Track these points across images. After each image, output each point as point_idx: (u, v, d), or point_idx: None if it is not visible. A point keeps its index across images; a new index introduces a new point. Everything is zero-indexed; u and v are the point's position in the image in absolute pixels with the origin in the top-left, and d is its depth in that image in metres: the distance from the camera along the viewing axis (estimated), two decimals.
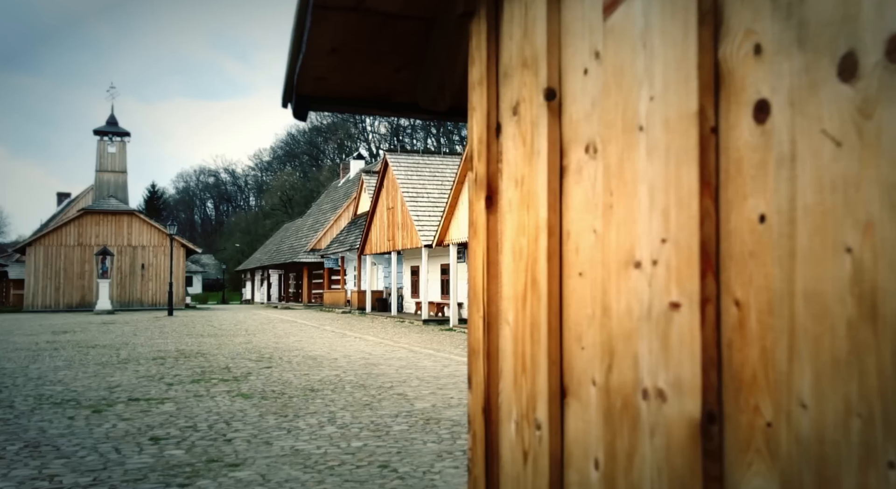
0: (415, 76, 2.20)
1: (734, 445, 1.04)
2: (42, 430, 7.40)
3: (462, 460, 6.10)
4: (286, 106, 2.20)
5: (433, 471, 5.79)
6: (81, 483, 5.45)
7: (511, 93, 1.72)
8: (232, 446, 6.64)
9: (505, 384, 1.67)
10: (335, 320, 30.44)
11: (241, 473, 5.71)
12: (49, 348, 17.35)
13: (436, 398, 9.38)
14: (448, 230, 24.48)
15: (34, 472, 5.76)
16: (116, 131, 46.76)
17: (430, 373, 12.12)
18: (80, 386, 10.70)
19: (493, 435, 1.71)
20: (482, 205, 1.79)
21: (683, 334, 1.12)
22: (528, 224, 1.61)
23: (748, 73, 1.04)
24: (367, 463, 6.05)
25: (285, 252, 52.68)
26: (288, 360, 14.08)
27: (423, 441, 6.84)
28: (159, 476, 5.64)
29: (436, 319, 26.44)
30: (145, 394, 9.82)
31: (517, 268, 1.66)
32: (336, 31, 1.94)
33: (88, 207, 46.30)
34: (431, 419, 7.92)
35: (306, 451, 6.44)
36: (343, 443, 6.74)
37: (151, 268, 45.82)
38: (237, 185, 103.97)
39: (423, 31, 2.05)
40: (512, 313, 1.68)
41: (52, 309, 43.06)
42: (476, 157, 1.83)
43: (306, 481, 5.50)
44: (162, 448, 6.58)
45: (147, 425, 7.62)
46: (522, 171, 1.65)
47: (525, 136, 1.65)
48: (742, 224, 1.04)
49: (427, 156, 33.05)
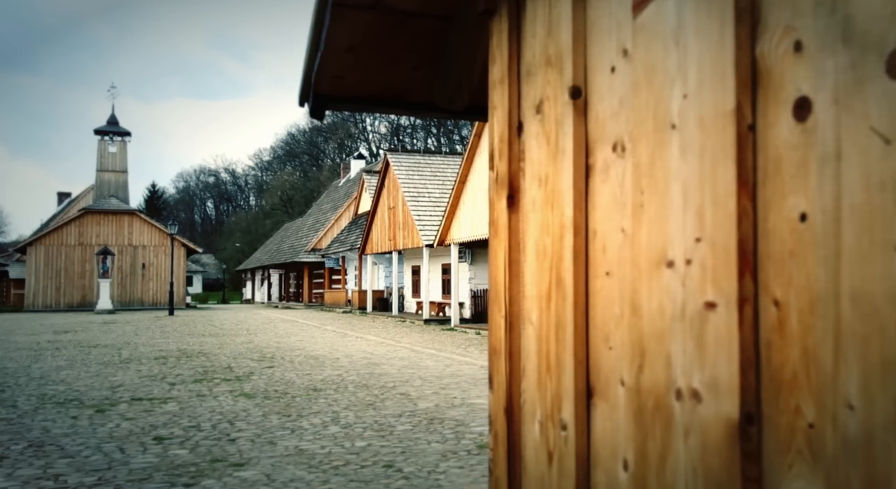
0: (431, 75, 2.19)
1: (773, 447, 1.02)
2: (46, 430, 7.38)
3: (467, 460, 6.08)
4: (303, 105, 2.19)
5: (438, 470, 5.78)
6: (86, 482, 5.44)
7: (534, 91, 1.71)
8: (236, 446, 6.63)
9: (528, 384, 1.66)
10: (336, 320, 30.43)
11: (245, 473, 5.70)
12: (51, 348, 17.33)
13: (439, 398, 9.36)
14: (449, 230, 24.46)
15: (39, 472, 5.75)
16: (117, 131, 46.72)
17: (433, 372, 12.11)
18: (83, 385, 10.68)
19: (515, 435, 1.69)
20: (504, 204, 1.78)
21: (720, 334, 1.11)
22: (552, 223, 1.60)
23: (787, 71, 1.03)
24: (372, 463, 6.03)
25: (286, 252, 52.66)
26: (290, 360, 14.06)
27: (427, 441, 6.83)
28: (164, 476, 5.63)
29: (437, 319, 26.42)
30: (148, 393, 9.81)
31: (541, 267, 1.65)
32: (354, 29, 1.93)
33: (89, 207, 46.27)
34: (435, 419, 7.91)
35: (311, 451, 6.42)
36: (347, 443, 6.73)
37: (152, 268, 45.80)
38: (237, 185, 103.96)
39: (441, 30, 2.03)
40: (535, 313, 1.67)
41: (52, 308, 43.03)
42: (497, 156, 1.81)
43: (311, 481, 5.49)
44: (166, 447, 6.56)
45: (150, 425, 7.61)
46: (546, 169, 1.63)
47: (549, 134, 1.63)
48: (781, 223, 1.02)
49: (428, 155, 33.05)
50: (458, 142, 71.52)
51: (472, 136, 22.48)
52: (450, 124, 73.12)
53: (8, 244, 78.40)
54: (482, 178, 22.02)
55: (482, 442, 6.75)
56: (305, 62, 2.04)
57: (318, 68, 2.00)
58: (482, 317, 25.73)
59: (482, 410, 8.44)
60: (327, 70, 2.06)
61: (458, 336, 20.87)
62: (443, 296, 28.89)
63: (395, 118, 77.86)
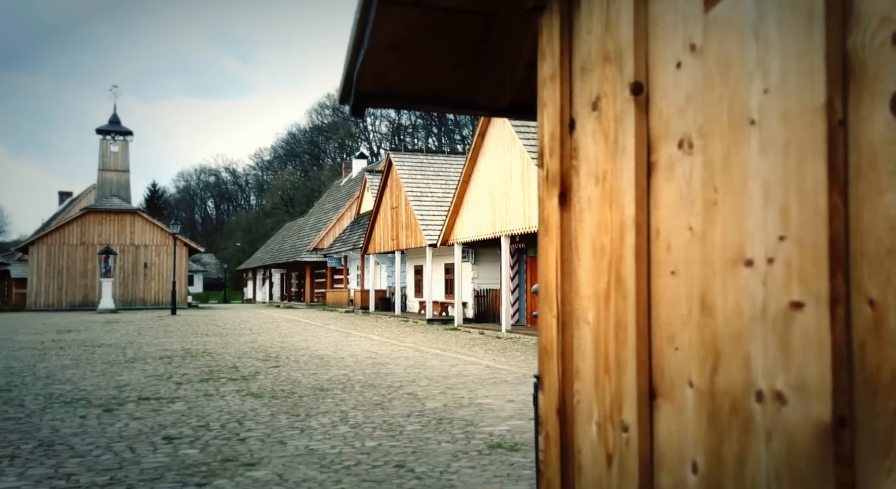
0: (471, 72, 2.16)
1: (869, 451, 1.00)
2: (55, 429, 7.36)
3: (478, 460, 6.06)
4: (344, 103, 2.17)
5: (450, 470, 5.76)
6: (98, 482, 5.41)
7: (590, 88, 1.68)
8: (246, 445, 6.61)
9: (583, 385, 1.63)
10: (339, 319, 30.41)
11: (257, 473, 5.67)
12: (55, 347, 17.31)
13: (446, 398, 9.34)
14: (453, 230, 24.44)
15: (50, 471, 5.73)
16: (119, 130, 46.68)
17: (439, 372, 12.09)
18: (89, 385, 10.66)
19: (567, 436, 1.67)
20: (555, 202, 1.75)
21: (808, 335, 1.08)
22: (611, 221, 1.58)
23: (884, 64, 1.00)
24: (383, 462, 6.01)
25: (287, 251, 52.64)
26: (295, 360, 14.04)
27: (437, 441, 6.81)
28: (176, 475, 5.61)
29: (440, 319, 26.40)
30: (155, 393, 9.79)
31: (598, 266, 1.62)
32: (397, 26, 1.91)
33: (91, 206, 46.26)
34: (444, 419, 7.89)
35: (321, 451, 6.40)
36: (357, 443, 6.71)
37: (154, 268, 45.77)
38: (238, 185, 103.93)
39: (484, 27, 2.01)
40: (592, 312, 1.64)
41: (54, 308, 43.00)
42: (547, 154, 1.79)
43: (323, 481, 5.46)
44: (176, 447, 6.54)
45: (159, 424, 7.59)
46: (604, 167, 1.61)
47: (607, 131, 1.61)
48: (877, 221, 1.00)
49: (431, 155, 33.02)
50: (458, 141, 71.53)
51: (476, 136, 22.44)
52: (450, 124, 73.09)
53: (8, 243, 78.41)
54: (485, 178, 21.99)
55: (493, 442, 6.72)
56: (347, 60, 2.02)
57: (360, 66, 1.98)
58: (485, 317, 25.71)
59: (490, 410, 8.42)
60: (368, 67, 2.03)
61: (462, 336, 20.85)
62: (445, 295, 28.87)
63: (396, 118, 77.85)
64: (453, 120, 72.88)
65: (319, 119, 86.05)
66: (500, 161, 21.05)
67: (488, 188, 21.84)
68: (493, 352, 15.81)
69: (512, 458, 6.13)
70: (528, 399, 9.29)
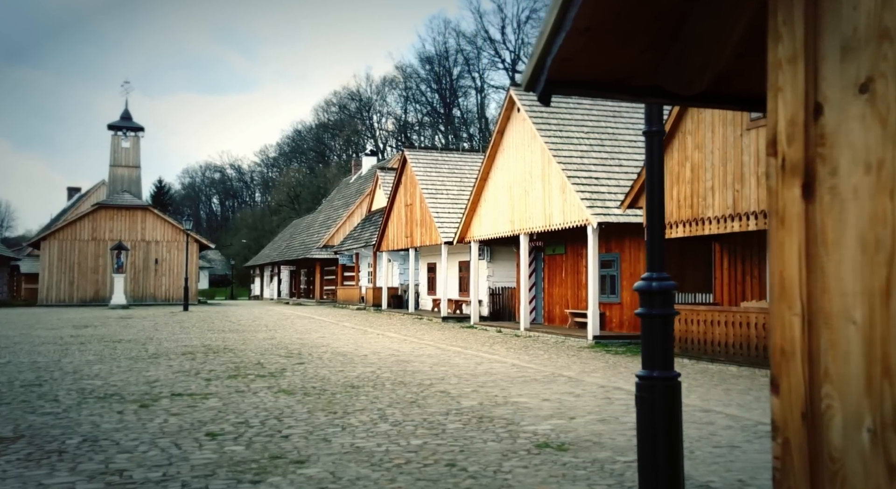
0: (657, 58, 2.10)
1: None
2: (95, 424, 7.33)
3: (529, 460, 6.00)
4: (531, 89, 2.10)
5: (503, 470, 5.70)
6: (152, 478, 5.37)
7: (855, 69, 1.61)
8: (291, 443, 6.57)
9: (838, 388, 1.57)
10: (352, 317, 30.38)
11: (309, 471, 5.63)
12: (75, 342, 17.30)
13: (480, 396, 9.28)
14: (469, 227, 24.36)
15: (101, 467, 5.69)
16: (130, 126, 46.67)
17: (465, 370, 12.04)
18: (119, 380, 10.64)
19: (814, 443, 1.61)
20: (796, 193, 1.70)
21: None
22: (888, 214, 1.51)
23: None
24: (433, 461, 5.96)
25: (297, 248, 52.60)
26: (318, 357, 14.00)
27: (483, 440, 6.75)
28: (227, 472, 5.56)
29: (455, 317, 26.35)
30: (186, 389, 9.75)
31: (871, 261, 1.55)
32: (596, 8, 1.85)
33: (103, 202, 46.32)
34: (484, 417, 7.83)
35: (368, 449, 6.35)
36: (402, 441, 6.66)
37: (165, 264, 45.79)
38: (243, 181, 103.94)
39: (685, 9, 1.95)
40: (860, 311, 1.57)
41: (65, 303, 43.07)
42: (784, 142, 1.72)
43: (377, 479, 5.41)
44: (221, 444, 6.50)
45: (198, 420, 7.55)
46: (878, 154, 1.54)
47: (883, 116, 1.54)
48: None
49: (445, 152, 32.97)
50: (465, 139, 71.36)
51: (495, 134, 22.35)
52: (457, 122, 72.84)
53: (15, 239, 78.57)
54: (504, 176, 21.90)
55: (539, 441, 6.66)
56: (542, 44, 1.96)
57: (557, 51, 1.92)
58: (500, 315, 25.66)
59: (528, 409, 8.36)
60: (559, 53, 1.97)
61: (479, 333, 20.80)
62: (460, 293, 28.79)
63: (403, 115, 77.67)
64: (460, 118, 72.71)
65: (325, 116, 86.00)
66: (520, 158, 20.95)
67: (507, 186, 21.75)
68: (515, 351, 15.75)
69: (563, 458, 6.07)
70: (563, 398, 9.22)
